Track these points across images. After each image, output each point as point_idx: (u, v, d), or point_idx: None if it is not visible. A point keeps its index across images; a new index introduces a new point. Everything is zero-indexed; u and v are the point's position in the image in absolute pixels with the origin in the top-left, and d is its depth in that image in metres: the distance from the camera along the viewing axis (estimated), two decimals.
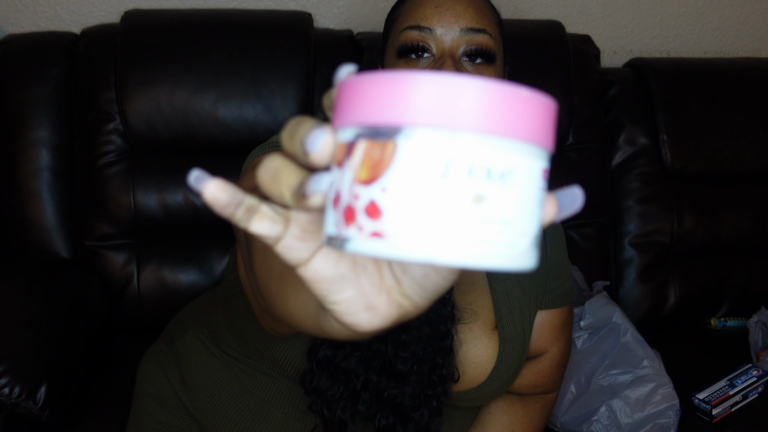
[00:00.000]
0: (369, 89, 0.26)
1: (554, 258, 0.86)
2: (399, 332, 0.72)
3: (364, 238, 0.27)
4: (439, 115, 0.25)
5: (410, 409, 0.72)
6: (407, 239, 0.26)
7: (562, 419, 1.15)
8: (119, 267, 1.30)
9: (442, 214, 0.26)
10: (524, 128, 0.27)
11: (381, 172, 0.26)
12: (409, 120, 0.26)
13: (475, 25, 0.71)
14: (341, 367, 0.71)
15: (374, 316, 0.31)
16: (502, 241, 0.27)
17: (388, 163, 0.26)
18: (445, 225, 0.26)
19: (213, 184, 0.30)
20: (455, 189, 0.26)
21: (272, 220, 0.31)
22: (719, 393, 1.19)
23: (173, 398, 0.86)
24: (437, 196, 0.26)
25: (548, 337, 0.86)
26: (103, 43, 1.31)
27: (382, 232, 0.26)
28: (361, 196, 0.27)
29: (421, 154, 0.26)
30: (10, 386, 0.97)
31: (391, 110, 0.26)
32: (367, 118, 0.26)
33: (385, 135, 0.26)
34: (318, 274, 0.31)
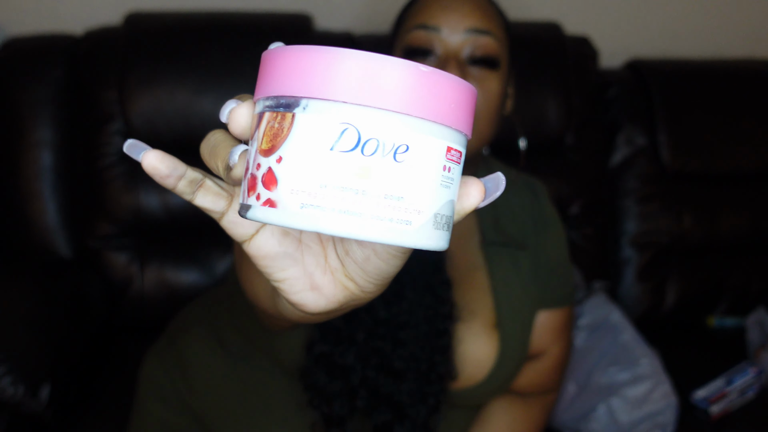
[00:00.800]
0: (274, 62, 0.27)
1: (556, 258, 0.86)
2: (396, 330, 0.72)
3: (261, 205, 0.27)
4: (332, 89, 0.26)
5: (407, 406, 0.72)
6: (297, 208, 0.27)
7: (561, 418, 1.16)
8: (121, 267, 1.30)
9: (330, 185, 0.26)
10: (421, 105, 0.26)
11: (279, 143, 0.27)
12: (304, 92, 0.26)
13: (481, 26, 0.72)
14: (338, 364, 0.71)
15: (320, 297, 0.32)
16: (393, 217, 0.27)
17: (286, 135, 0.27)
18: (332, 196, 0.26)
19: (152, 154, 0.30)
20: (342, 162, 0.26)
21: (216, 195, 0.32)
22: (717, 391, 1.19)
23: (175, 397, 0.87)
24: (325, 168, 0.26)
25: (549, 337, 0.86)
26: (105, 44, 1.31)
27: (275, 200, 0.27)
28: (261, 165, 0.27)
29: (313, 126, 0.26)
30: (14, 385, 0.98)
31: (289, 83, 0.27)
32: (271, 90, 0.27)
33: (285, 107, 0.27)
34: (261, 250, 0.31)
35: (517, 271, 0.82)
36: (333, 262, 0.32)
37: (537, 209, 0.86)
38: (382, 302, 0.72)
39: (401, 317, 0.72)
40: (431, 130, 0.27)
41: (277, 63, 0.27)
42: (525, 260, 0.83)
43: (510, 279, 0.82)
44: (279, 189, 0.27)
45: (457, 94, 0.28)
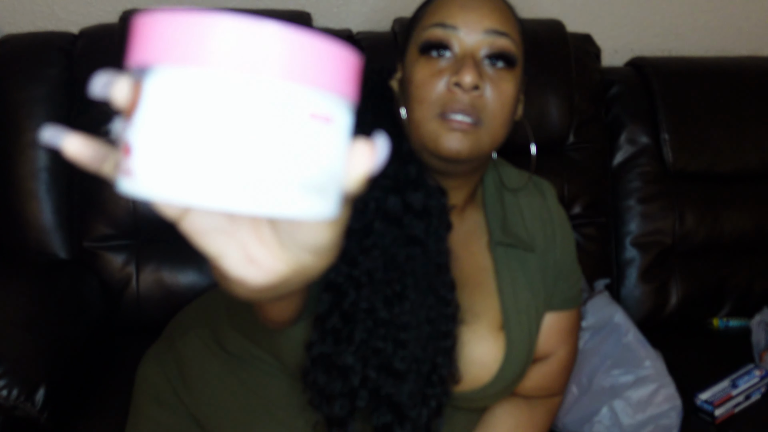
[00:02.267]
0: (134, 30, 0.27)
1: (564, 260, 0.86)
2: (398, 330, 0.71)
3: (121, 176, 0.27)
4: (176, 53, 0.25)
5: (408, 408, 0.72)
6: (145, 177, 0.26)
7: (564, 420, 1.15)
8: (118, 268, 1.29)
9: (176, 152, 0.25)
10: (275, 64, 0.25)
11: (134, 110, 0.26)
12: (148, 59, 0.26)
13: (499, 27, 0.71)
14: (338, 364, 0.70)
15: (258, 270, 0.31)
16: (253, 184, 0.26)
17: (138, 101, 0.26)
18: (180, 164, 0.25)
19: (73, 140, 0.30)
20: (189, 128, 0.25)
21: None
22: (722, 394, 1.18)
23: (173, 399, 0.86)
24: (171, 135, 0.25)
25: (556, 339, 0.86)
26: (101, 42, 1.30)
27: (130, 170, 0.26)
28: (122, 135, 0.27)
29: (158, 93, 0.26)
30: (9, 388, 0.97)
31: (137, 50, 0.26)
32: (130, 60, 0.27)
33: (138, 75, 0.27)
34: (193, 227, 0.31)
35: (524, 273, 0.82)
36: (267, 235, 0.31)
37: (545, 210, 0.86)
38: (383, 302, 0.71)
39: (403, 318, 0.71)
40: (290, 91, 0.26)
41: (135, 30, 0.27)
42: (533, 262, 0.83)
43: (517, 281, 0.81)
44: (132, 158, 0.26)
45: (318, 47, 0.26)
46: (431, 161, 0.73)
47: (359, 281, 0.70)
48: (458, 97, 0.69)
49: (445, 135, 0.69)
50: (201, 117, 0.25)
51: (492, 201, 0.83)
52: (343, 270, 0.71)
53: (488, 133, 0.71)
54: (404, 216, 0.72)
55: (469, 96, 0.69)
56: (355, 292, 0.70)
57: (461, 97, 0.68)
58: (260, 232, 0.31)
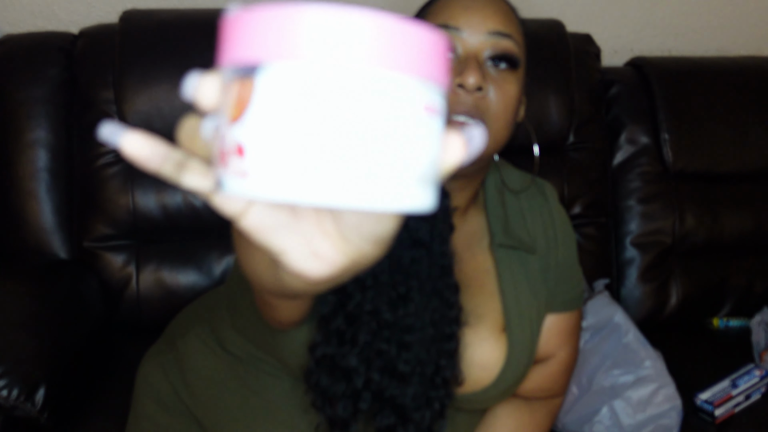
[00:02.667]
0: (234, 28, 0.26)
1: (565, 261, 0.86)
2: (402, 333, 0.71)
3: (232, 178, 0.26)
4: (291, 49, 0.24)
5: (411, 410, 0.72)
6: (265, 178, 0.25)
7: (563, 420, 1.15)
8: (118, 268, 1.29)
9: (296, 151, 0.25)
10: (394, 59, 0.25)
11: (244, 110, 0.25)
12: (265, 56, 0.25)
13: (502, 29, 0.71)
14: (341, 366, 0.70)
15: (322, 263, 0.31)
16: (369, 179, 0.25)
17: (250, 100, 0.25)
18: (301, 163, 0.25)
19: (132, 137, 0.29)
20: (307, 126, 0.25)
21: (202, 175, 0.31)
22: (722, 394, 1.18)
23: (174, 400, 0.86)
24: (291, 133, 0.25)
25: (557, 341, 0.86)
26: (102, 43, 1.30)
27: (245, 171, 0.26)
28: (231, 135, 0.26)
29: (275, 91, 0.25)
30: (9, 388, 0.97)
31: (250, 47, 0.25)
32: (234, 57, 0.26)
33: (247, 72, 0.25)
34: (256, 224, 0.30)
35: (526, 275, 0.82)
36: (329, 226, 0.31)
37: (547, 212, 0.86)
38: (387, 305, 0.71)
39: (407, 320, 0.71)
40: (405, 84, 0.26)
41: (235, 28, 0.26)
42: (534, 264, 0.82)
43: (519, 282, 0.81)
44: (247, 158, 0.26)
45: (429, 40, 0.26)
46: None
47: (364, 283, 0.70)
48: (461, 99, 0.68)
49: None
50: (321, 114, 0.24)
51: (493, 203, 0.83)
52: None
53: (491, 134, 0.70)
54: (409, 219, 0.72)
55: (472, 97, 0.68)
56: (360, 294, 0.70)
57: (464, 99, 0.68)
58: (323, 225, 0.31)
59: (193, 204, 1.29)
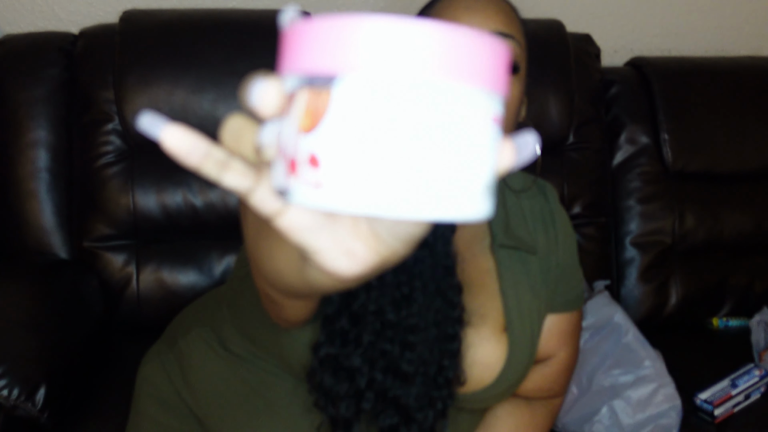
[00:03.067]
0: (304, 36, 0.25)
1: (566, 262, 0.86)
2: (405, 333, 0.71)
3: (305, 188, 0.26)
4: (371, 61, 0.24)
5: (414, 410, 0.72)
6: (342, 190, 0.25)
7: (563, 420, 1.15)
8: (118, 268, 1.29)
9: (374, 164, 0.25)
10: (468, 71, 0.25)
11: (318, 121, 0.25)
12: (343, 67, 0.24)
13: (504, 29, 0.71)
14: (345, 366, 0.70)
15: (354, 262, 0.31)
16: (444, 190, 0.26)
17: (325, 111, 0.25)
18: (379, 176, 0.25)
19: (174, 130, 0.29)
20: (388, 138, 0.25)
21: (243, 174, 0.31)
22: (721, 393, 1.18)
23: (175, 399, 0.86)
24: (370, 146, 0.25)
25: (557, 341, 0.86)
26: (102, 43, 1.30)
27: (320, 182, 0.26)
28: (303, 146, 0.26)
29: (355, 102, 0.25)
30: (9, 388, 0.97)
31: (325, 57, 0.25)
32: (304, 66, 0.25)
33: (322, 82, 0.25)
34: (293, 224, 0.31)
35: (526, 275, 0.82)
36: (363, 226, 0.31)
37: (547, 212, 0.86)
38: (391, 305, 0.71)
39: (411, 320, 0.72)
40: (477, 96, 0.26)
41: (307, 35, 0.25)
42: (535, 264, 0.83)
43: (519, 283, 0.81)
44: (322, 170, 0.25)
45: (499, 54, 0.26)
46: None
47: (368, 284, 0.70)
48: None
49: None
50: (400, 128, 0.25)
51: (494, 203, 0.83)
52: None
53: None
54: None
55: None
56: (364, 294, 0.70)
57: None
58: (359, 226, 0.31)
59: (194, 204, 1.29)
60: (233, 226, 1.17)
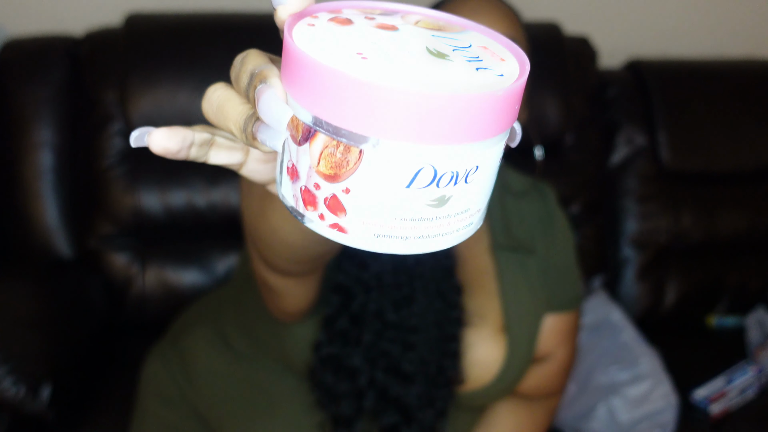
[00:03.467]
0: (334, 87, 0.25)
1: (564, 262, 0.86)
2: (406, 333, 0.72)
3: (326, 226, 0.28)
4: (404, 129, 0.25)
5: (415, 409, 0.72)
6: (368, 238, 0.27)
7: (560, 417, 1.16)
8: (122, 268, 1.30)
9: (404, 219, 0.27)
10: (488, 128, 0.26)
11: (344, 174, 0.26)
12: (374, 131, 0.25)
13: (508, 34, 0.72)
14: (345, 365, 0.71)
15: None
16: (460, 227, 0.28)
17: (353, 168, 0.26)
18: (406, 228, 0.27)
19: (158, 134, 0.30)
20: (419, 198, 0.26)
21: (230, 149, 0.31)
22: (717, 391, 1.19)
23: (179, 398, 0.86)
24: (399, 204, 0.26)
25: (555, 340, 0.87)
26: (106, 45, 1.31)
27: (344, 227, 0.27)
28: (322, 187, 0.27)
29: (387, 165, 0.25)
30: (15, 386, 0.98)
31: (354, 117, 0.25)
32: (331, 117, 0.25)
33: (349, 138, 0.25)
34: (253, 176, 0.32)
35: (525, 276, 0.82)
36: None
37: (546, 213, 0.87)
38: (391, 305, 0.72)
39: (411, 321, 0.72)
40: (494, 142, 0.27)
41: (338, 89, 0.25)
42: (533, 264, 0.83)
43: (518, 283, 0.82)
44: (348, 218, 0.27)
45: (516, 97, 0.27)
46: None
47: (368, 284, 0.71)
48: None
49: None
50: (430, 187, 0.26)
51: (493, 205, 0.84)
52: (352, 273, 0.71)
53: None
54: None
55: None
56: (364, 294, 0.71)
57: None
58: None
59: (197, 204, 1.30)
60: (236, 226, 1.18)
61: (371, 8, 0.33)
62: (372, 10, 0.32)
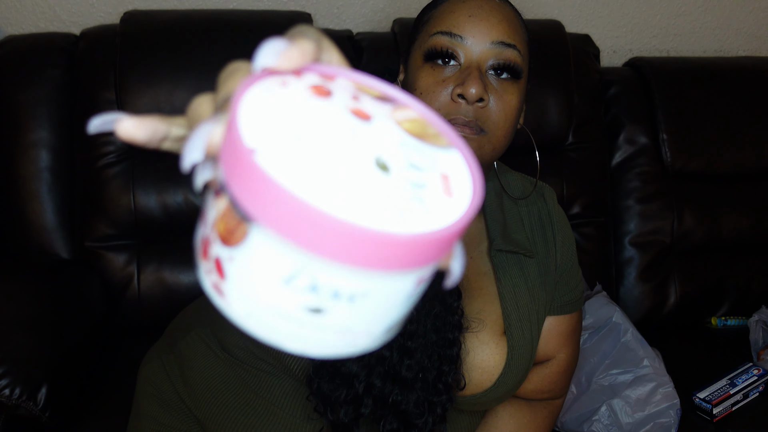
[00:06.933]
0: (244, 163, 0.24)
1: (564, 265, 0.86)
2: (404, 339, 0.71)
3: (209, 282, 0.27)
4: (291, 229, 0.24)
5: (414, 416, 0.72)
6: (240, 311, 0.26)
7: (563, 419, 1.16)
8: (119, 268, 1.30)
9: (278, 312, 0.26)
10: (385, 262, 0.25)
11: (231, 243, 0.26)
12: (263, 218, 0.24)
13: (506, 39, 0.70)
14: (342, 371, 0.70)
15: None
16: (338, 343, 0.27)
17: (239, 241, 0.25)
18: (279, 320, 0.26)
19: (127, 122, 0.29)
20: (293, 299, 0.25)
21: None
22: (720, 392, 1.19)
23: (175, 400, 0.86)
24: (275, 297, 0.25)
25: (556, 343, 0.86)
26: (103, 44, 1.31)
27: (222, 291, 0.27)
28: (213, 245, 0.27)
29: (269, 253, 0.25)
30: (11, 387, 0.97)
31: (250, 198, 0.24)
32: (233, 186, 0.25)
33: (243, 213, 0.25)
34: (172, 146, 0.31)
35: (524, 279, 0.82)
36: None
37: (545, 215, 0.86)
38: None
39: (409, 326, 0.71)
40: (394, 276, 0.25)
41: (244, 163, 0.24)
42: (533, 267, 0.83)
43: (518, 286, 0.81)
44: (226, 284, 0.26)
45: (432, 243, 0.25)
46: None
47: None
48: (462, 109, 0.68)
49: None
50: (307, 293, 0.25)
51: (492, 208, 0.83)
52: None
53: (490, 142, 0.70)
54: None
55: (473, 108, 0.68)
56: None
57: (465, 110, 0.68)
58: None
59: (194, 204, 1.29)
60: None
61: (369, 87, 0.32)
62: (368, 89, 0.31)
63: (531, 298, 0.81)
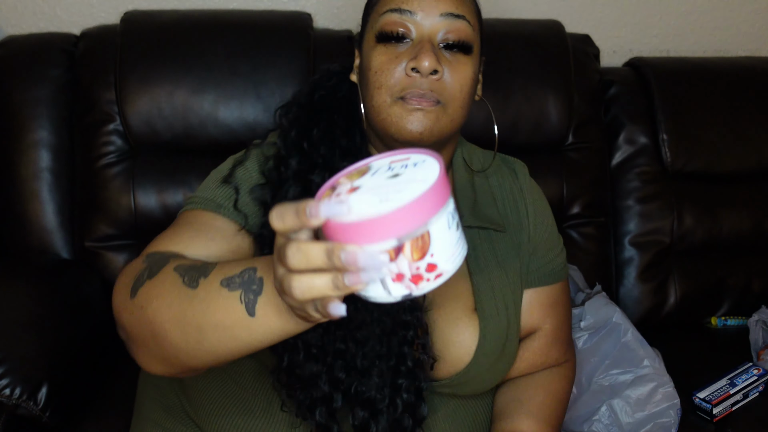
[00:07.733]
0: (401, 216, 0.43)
1: (539, 236, 0.87)
2: (354, 330, 0.71)
3: (432, 281, 0.46)
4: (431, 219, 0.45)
5: (379, 402, 0.72)
6: (452, 267, 0.47)
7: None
8: (119, 268, 1.30)
9: (456, 245, 0.47)
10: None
11: (428, 248, 0.45)
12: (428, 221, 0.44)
13: (454, 10, 0.73)
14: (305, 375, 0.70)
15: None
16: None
17: (429, 242, 0.44)
18: (458, 250, 0.48)
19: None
20: (453, 234, 0.47)
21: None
22: (720, 392, 1.19)
23: (177, 405, 0.85)
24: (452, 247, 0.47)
25: (538, 314, 0.87)
26: (103, 44, 1.31)
27: (441, 272, 0.46)
28: (420, 266, 0.45)
29: (440, 227, 0.45)
30: (11, 387, 0.97)
31: (420, 221, 0.44)
32: (407, 231, 0.43)
33: (420, 232, 0.44)
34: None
35: (495, 254, 0.83)
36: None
37: (517, 189, 0.87)
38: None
39: (358, 316, 0.71)
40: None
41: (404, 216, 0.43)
42: (504, 242, 0.84)
43: (488, 262, 0.82)
44: (440, 268, 0.46)
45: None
46: (394, 147, 0.73)
47: None
48: (417, 82, 0.70)
49: (406, 117, 0.71)
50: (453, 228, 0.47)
51: (462, 184, 0.84)
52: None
53: (447, 114, 0.73)
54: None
55: (427, 80, 0.70)
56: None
57: (420, 82, 0.70)
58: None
59: None
60: None
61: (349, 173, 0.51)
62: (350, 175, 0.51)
63: (503, 272, 0.82)
